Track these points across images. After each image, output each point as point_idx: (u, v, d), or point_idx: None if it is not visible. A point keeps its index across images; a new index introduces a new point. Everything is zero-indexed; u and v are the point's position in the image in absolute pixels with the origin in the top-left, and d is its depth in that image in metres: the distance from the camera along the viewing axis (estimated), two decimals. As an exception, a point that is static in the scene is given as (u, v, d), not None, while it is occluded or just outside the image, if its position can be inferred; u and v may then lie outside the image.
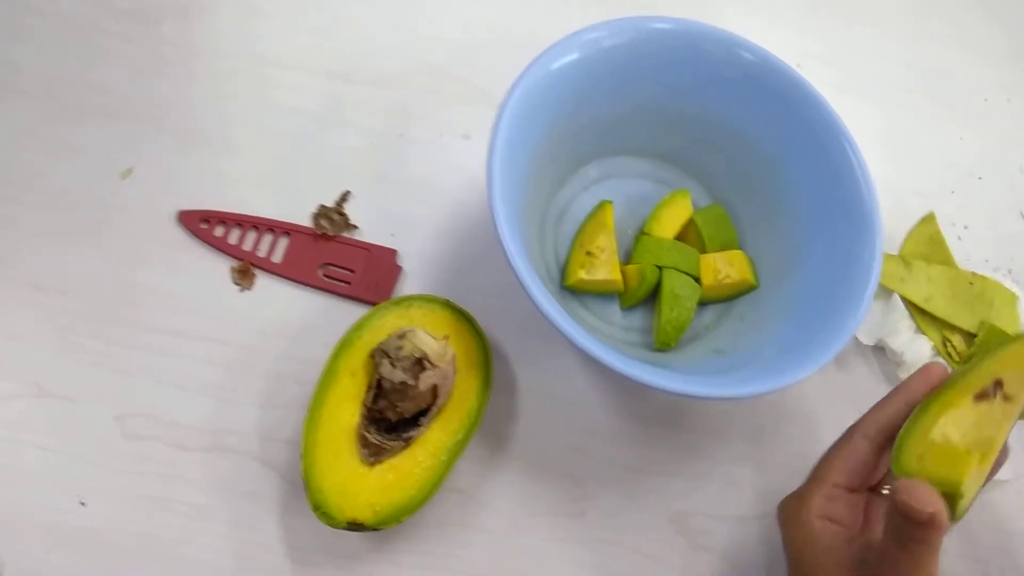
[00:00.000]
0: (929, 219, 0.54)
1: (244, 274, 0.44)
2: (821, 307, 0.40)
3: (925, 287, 0.51)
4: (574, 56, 0.42)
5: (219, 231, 0.45)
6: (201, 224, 0.45)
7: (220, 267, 0.44)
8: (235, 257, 0.44)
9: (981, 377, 0.33)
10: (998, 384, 0.33)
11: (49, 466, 0.39)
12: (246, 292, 0.44)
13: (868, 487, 0.37)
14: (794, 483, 0.45)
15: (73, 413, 0.40)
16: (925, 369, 0.36)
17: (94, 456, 0.40)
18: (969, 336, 0.51)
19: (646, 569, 0.43)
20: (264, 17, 0.50)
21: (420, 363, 0.38)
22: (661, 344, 0.44)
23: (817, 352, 0.38)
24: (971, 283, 0.52)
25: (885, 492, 0.37)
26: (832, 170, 0.40)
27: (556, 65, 0.41)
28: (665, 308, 0.44)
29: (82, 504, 0.39)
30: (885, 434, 0.36)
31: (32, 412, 0.40)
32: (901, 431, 0.34)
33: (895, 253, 0.52)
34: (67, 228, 0.43)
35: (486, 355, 0.41)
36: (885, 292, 0.51)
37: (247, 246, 0.45)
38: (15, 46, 0.46)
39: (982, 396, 0.33)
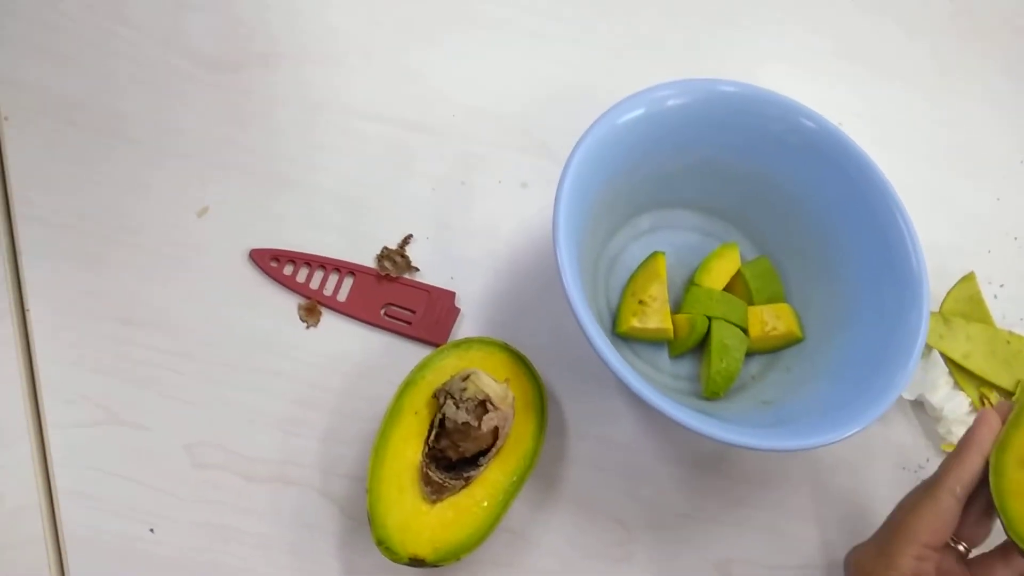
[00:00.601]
0: (969, 278, 0.55)
1: (311, 312, 0.46)
2: (867, 367, 0.42)
3: (964, 344, 0.52)
4: (639, 112, 0.44)
5: (288, 269, 0.47)
6: (271, 262, 0.47)
7: (288, 304, 0.46)
8: (302, 295, 0.46)
9: None
10: None
11: (121, 492, 0.41)
12: (312, 329, 0.46)
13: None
14: (834, 534, 0.46)
15: (145, 441, 0.42)
16: (983, 417, 0.37)
17: (164, 484, 0.41)
18: (1006, 394, 0.52)
19: (691, 614, 0.44)
20: (338, 66, 0.53)
21: (483, 405, 0.39)
22: (710, 393, 0.46)
23: (863, 411, 0.39)
24: (1008, 342, 0.53)
25: (959, 547, 0.38)
26: (882, 236, 0.42)
27: (622, 120, 0.43)
28: (715, 358, 0.46)
29: (151, 531, 0.40)
30: (968, 490, 0.37)
31: (106, 440, 0.42)
32: (995, 494, 0.36)
33: (935, 310, 0.53)
34: (147, 265, 0.45)
35: (542, 398, 0.43)
36: (925, 348, 0.52)
37: (314, 284, 0.47)
38: (96, 89, 0.49)
39: None
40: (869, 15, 0.62)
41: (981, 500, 0.38)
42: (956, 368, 0.52)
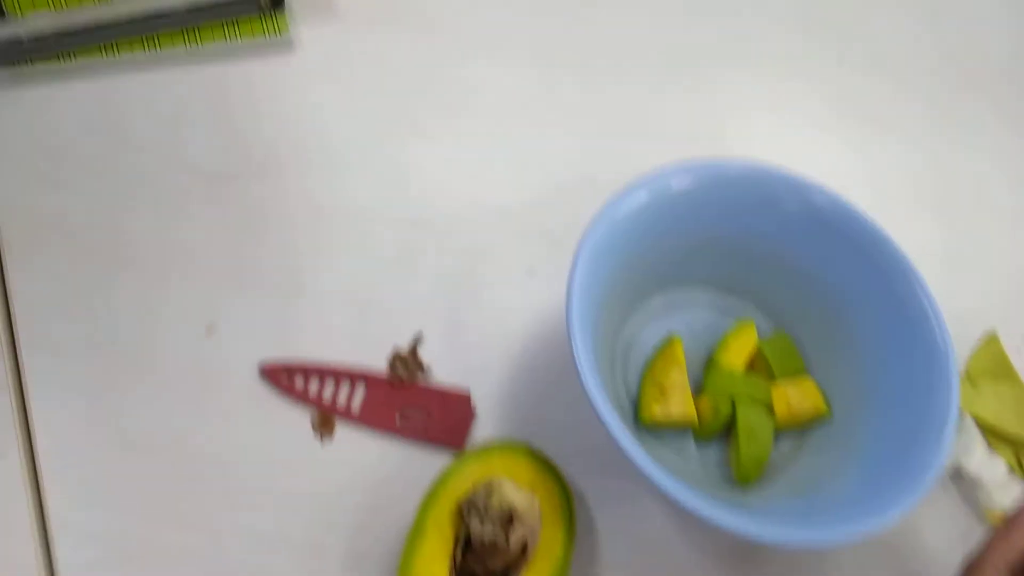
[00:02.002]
0: (992, 339, 0.54)
1: (325, 424, 0.45)
2: (900, 449, 0.40)
3: (994, 404, 0.51)
4: (644, 197, 0.43)
5: (299, 382, 0.46)
6: (282, 376, 0.46)
7: (301, 418, 0.45)
8: (315, 407, 0.45)
9: None
10: None
11: (139, 632, 0.39)
12: (327, 442, 0.45)
13: None
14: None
15: (160, 576, 0.41)
16: None
17: (182, 619, 0.40)
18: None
19: None
20: (332, 169, 0.53)
21: (509, 518, 0.38)
22: (742, 480, 0.44)
23: (898, 498, 0.38)
24: (1039, 398, 0.51)
25: None
26: (903, 311, 0.41)
27: (628, 207, 0.43)
28: (743, 443, 0.44)
29: (172, 672, 0.39)
30: (1013, 568, 0.35)
31: (120, 577, 0.40)
32: None
33: (960, 372, 0.52)
34: (153, 389, 0.45)
35: (569, 502, 0.41)
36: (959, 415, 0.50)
37: (327, 396, 0.46)
38: (106, 213, 0.49)
39: None
40: (858, 72, 0.62)
41: None
42: (989, 431, 0.50)
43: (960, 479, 0.50)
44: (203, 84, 0.54)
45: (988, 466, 0.49)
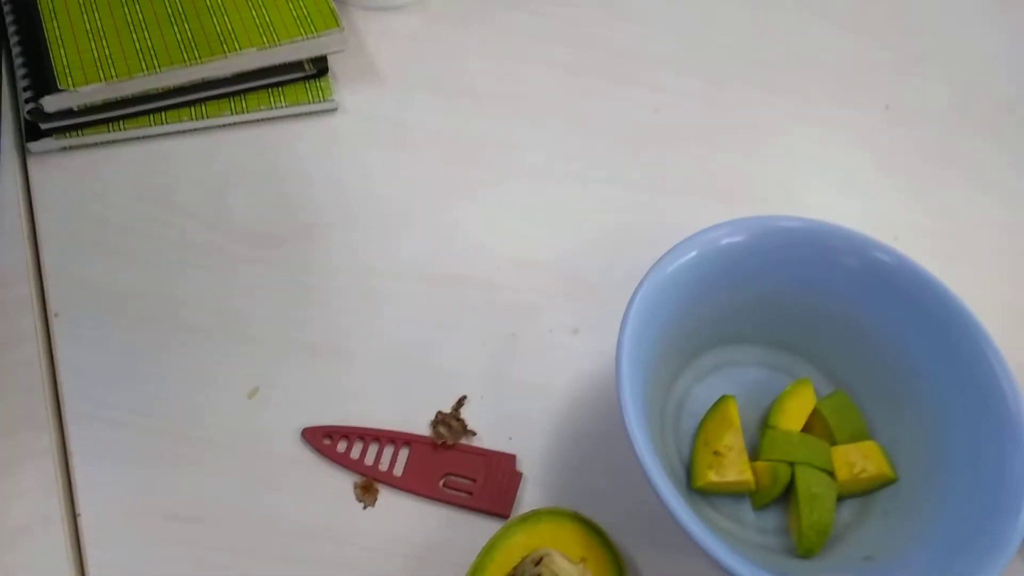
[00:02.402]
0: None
1: (367, 490, 0.44)
2: (971, 525, 0.38)
3: None
4: (694, 254, 0.42)
5: (342, 446, 0.45)
6: (324, 440, 0.45)
7: (344, 484, 0.44)
8: (358, 472, 0.44)
9: None
10: None
11: None
12: (369, 509, 0.44)
13: None
14: None
15: (203, 650, 0.39)
16: None
17: None
18: None
19: None
20: (376, 231, 0.53)
21: (561, 593, 0.36)
22: (804, 550, 0.42)
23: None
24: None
25: None
26: (972, 376, 0.39)
27: (677, 265, 0.42)
28: (804, 510, 0.42)
29: None
30: None
31: (162, 651, 0.39)
32: None
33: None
34: (197, 455, 0.44)
35: (622, 574, 0.39)
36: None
37: (369, 460, 0.45)
38: (140, 275, 0.49)
39: None
40: (906, 127, 0.61)
41: None
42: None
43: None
44: (248, 148, 0.55)
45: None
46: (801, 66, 0.64)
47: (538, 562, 0.37)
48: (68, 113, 0.52)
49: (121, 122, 0.54)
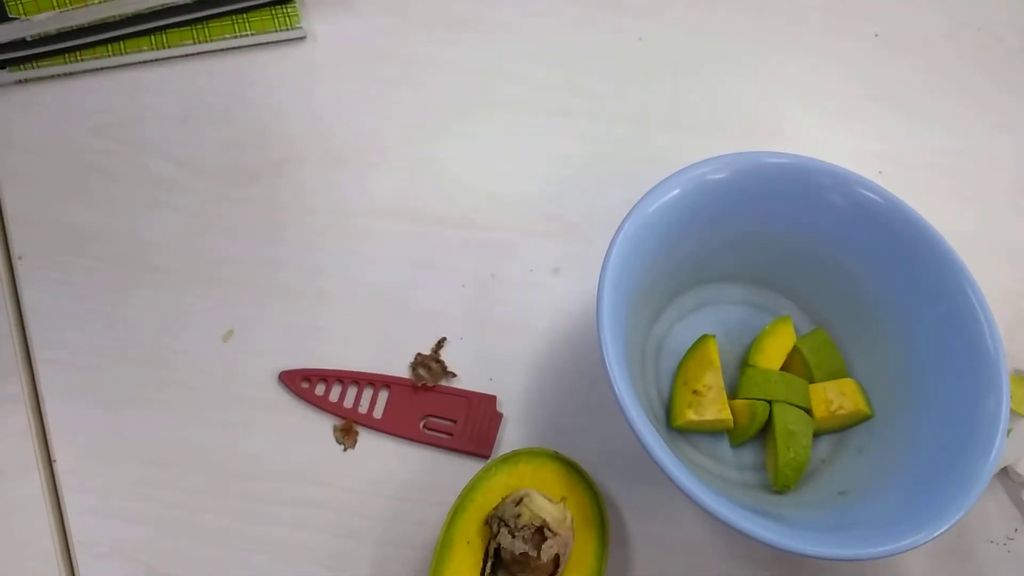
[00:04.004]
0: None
1: (347, 433, 0.44)
2: (944, 459, 0.38)
3: None
4: (677, 192, 0.41)
5: (320, 389, 0.44)
6: (302, 383, 0.44)
7: (323, 427, 0.44)
8: (337, 415, 0.44)
9: None
10: None
11: (164, 650, 0.39)
12: (349, 452, 0.44)
13: None
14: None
15: (185, 592, 0.40)
16: None
17: (207, 637, 0.39)
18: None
19: None
20: (347, 167, 0.51)
21: (540, 531, 0.37)
22: (780, 486, 0.42)
23: (942, 514, 0.36)
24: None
25: None
26: (953, 315, 0.39)
27: (661, 203, 0.41)
28: (781, 448, 0.42)
29: None
30: None
31: (145, 593, 0.39)
32: None
33: (1014, 371, 0.50)
34: (172, 399, 0.44)
35: (601, 511, 0.40)
36: (1012, 418, 0.48)
37: (348, 403, 0.44)
38: (105, 216, 0.48)
39: None
40: (896, 56, 0.60)
41: None
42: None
43: (1008, 479, 0.48)
44: (215, 80, 0.53)
45: (1038, 467, 0.47)
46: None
47: (519, 502, 0.38)
48: (21, 44, 0.49)
49: (78, 53, 0.51)
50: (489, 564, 0.38)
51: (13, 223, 0.46)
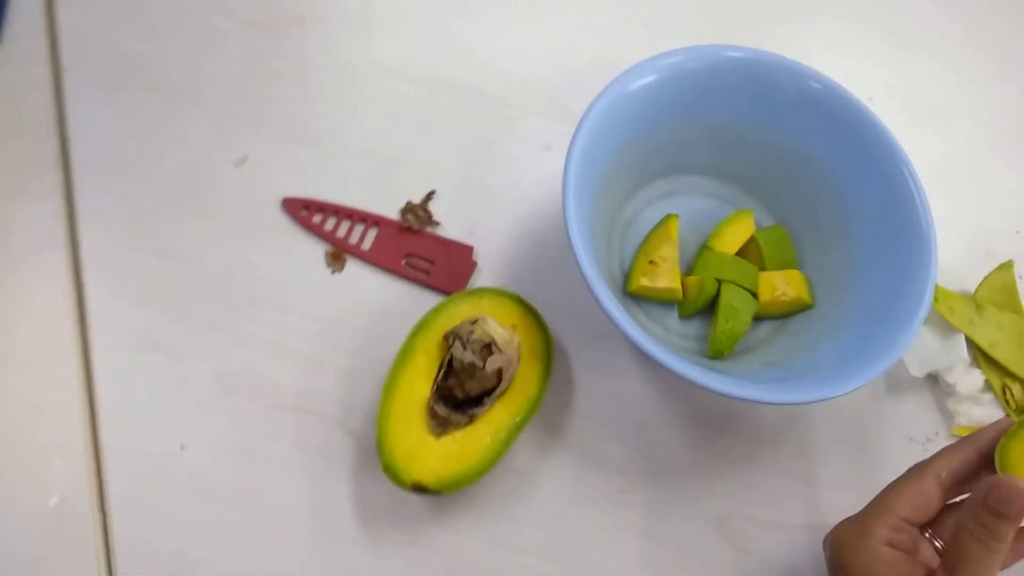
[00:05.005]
0: (1006, 266, 0.54)
1: (336, 258, 0.49)
2: (876, 323, 0.42)
3: (993, 333, 0.51)
4: (651, 78, 0.45)
5: (317, 218, 0.49)
6: (302, 211, 0.49)
7: (316, 250, 0.49)
8: (330, 242, 0.49)
9: None
10: None
11: (156, 413, 0.44)
12: (337, 275, 0.49)
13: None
14: (838, 497, 0.47)
15: (179, 368, 0.45)
16: (999, 422, 0.37)
17: (195, 407, 0.45)
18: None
19: (684, 562, 0.45)
20: (373, 30, 0.55)
21: (488, 347, 0.42)
22: (715, 352, 0.47)
23: (869, 364, 0.40)
24: (1040, 336, 0.52)
25: (936, 543, 0.38)
26: (892, 194, 0.43)
27: (633, 86, 0.45)
28: (721, 319, 0.47)
29: (181, 448, 0.44)
30: (954, 479, 0.37)
31: (144, 364, 0.45)
32: (1003, 438, 0.36)
33: (969, 294, 0.53)
34: (187, 207, 0.49)
35: (548, 347, 0.45)
36: (949, 330, 0.51)
37: (340, 233, 0.49)
38: (147, 44, 0.53)
39: None
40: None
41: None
42: (982, 356, 0.51)
43: (936, 386, 0.51)
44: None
45: (966, 379, 0.51)
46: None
47: (474, 322, 0.42)
48: None
49: None
50: (442, 371, 0.43)
51: (64, 37, 0.51)
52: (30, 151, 0.48)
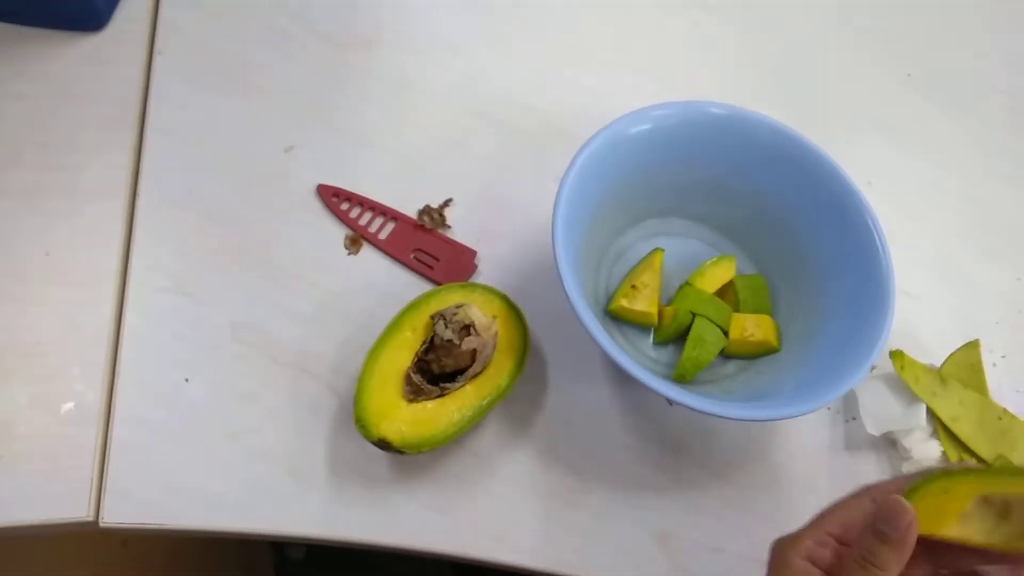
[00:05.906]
0: (972, 345, 0.56)
1: (354, 242, 0.55)
2: (833, 359, 0.46)
3: (956, 408, 0.54)
4: (645, 127, 0.51)
5: (344, 205, 0.56)
6: (332, 197, 0.56)
7: (338, 233, 0.55)
8: (351, 228, 0.55)
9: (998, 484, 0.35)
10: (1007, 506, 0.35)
11: (171, 346, 0.50)
12: (352, 256, 0.54)
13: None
14: (780, 533, 0.49)
15: (199, 312, 0.51)
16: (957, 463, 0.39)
17: (206, 348, 0.50)
18: (985, 465, 0.53)
19: (621, 567, 0.48)
20: (433, 58, 0.63)
21: (467, 329, 0.46)
22: (678, 376, 0.50)
23: (822, 393, 0.44)
24: (1000, 418, 0.54)
25: None
26: (854, 237, 0.49)
27: (627, 132, 0.50)
28: (689, 347, 0.50)
29: (186, 380, 0.49)
30: (839, 538, 0.38)
31: (170, 303, 0.51)
32: (921, 479, 0.36)
33: (936, 368, 0.55)
34: (235, 179, 0.56)
35: (524, 343, 0.49)
36: (913, 398, 0.54)
37: (363, 222, 0.55)
38: (231, 42, 0.61)
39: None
40: (918, 92, 0.67)
41: None
42: (942, 428, 0.53)
43: (894, 449, 0.54)
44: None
45: (924, 447, 0.53)
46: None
47: (460, 307, 0.47)
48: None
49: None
50: (424, 347, 0.47)
51: (162, 26, 0.60)
52: (115, 114, 0.56)
